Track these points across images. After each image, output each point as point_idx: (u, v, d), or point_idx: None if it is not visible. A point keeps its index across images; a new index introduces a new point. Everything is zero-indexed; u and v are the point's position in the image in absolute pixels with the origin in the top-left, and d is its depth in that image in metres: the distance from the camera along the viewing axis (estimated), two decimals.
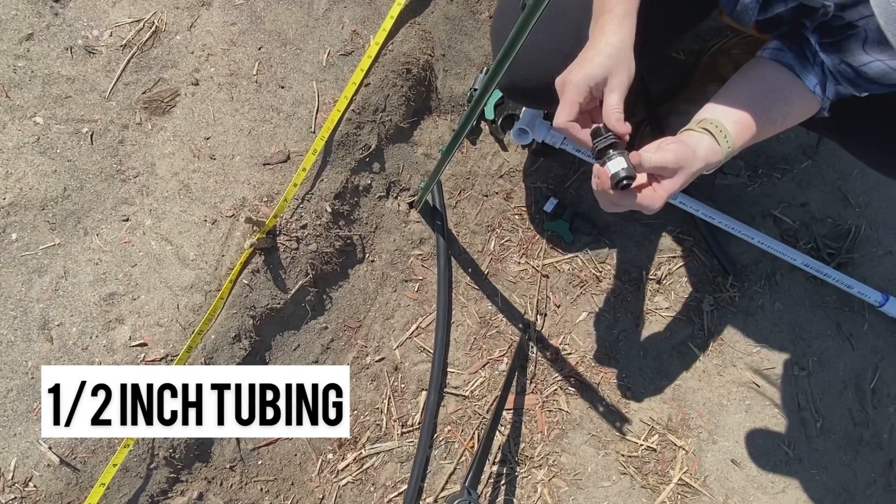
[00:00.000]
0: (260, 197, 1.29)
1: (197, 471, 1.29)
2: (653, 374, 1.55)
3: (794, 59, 0.98)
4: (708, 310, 1.59)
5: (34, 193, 1.21)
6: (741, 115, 0.96)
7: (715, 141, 0.93)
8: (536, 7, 0.66)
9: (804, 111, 1.00)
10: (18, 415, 1.15)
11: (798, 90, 0.98)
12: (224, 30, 1.34)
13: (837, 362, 1.60)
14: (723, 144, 0.93)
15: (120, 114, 1.28)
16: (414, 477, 1.35)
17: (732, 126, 0.95)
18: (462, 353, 1.53)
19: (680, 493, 1.48)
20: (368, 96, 1.40)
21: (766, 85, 0.99)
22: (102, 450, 1.17)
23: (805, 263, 1.51)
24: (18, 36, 1.25)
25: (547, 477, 1.47)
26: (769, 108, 0.97)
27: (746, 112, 0.96)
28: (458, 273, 1.57)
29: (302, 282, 1.34)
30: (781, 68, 0.99)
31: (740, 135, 0.95)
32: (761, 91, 0.98)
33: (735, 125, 0.95)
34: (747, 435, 1.54)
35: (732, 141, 0.94)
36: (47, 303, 1.19)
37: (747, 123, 0.95)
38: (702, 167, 0.92)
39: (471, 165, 1.61)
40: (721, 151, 0.93)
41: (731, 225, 1.49)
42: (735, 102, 0.97)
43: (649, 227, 1.62)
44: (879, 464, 1.55)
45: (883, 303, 1.53)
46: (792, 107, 0.99)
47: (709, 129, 0.93)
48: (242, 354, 1.29)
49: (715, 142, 0.93)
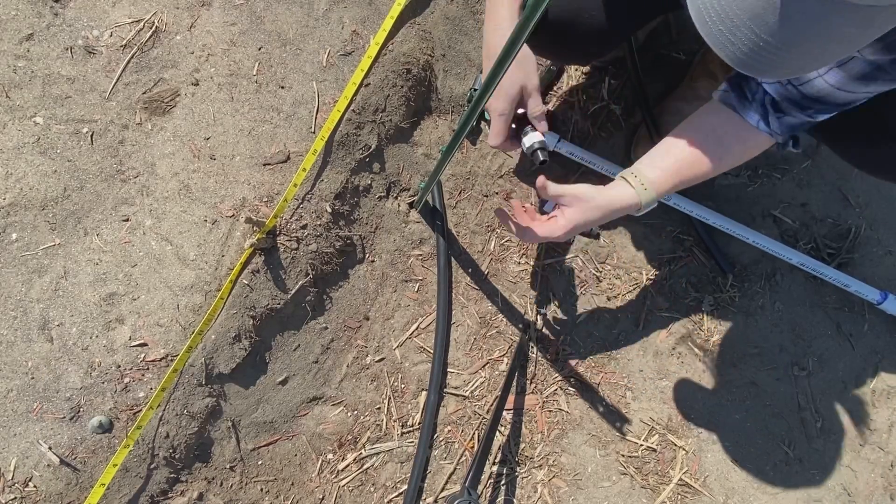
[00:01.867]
0: (260, 197, 1.29)
1: (197, 471, 1.29)
2: (653, 374, 1.55)
3: (736, 99, 1.05)
4: (708, 310, 1.59)
5: (34, 193, 1.21)
6: (669, 163, 1.07)
7: (630, 186, 1.05)
8: (536, 7, 0.66)
9: (753, 147, 1.08)
10: (18, 415, 1.15)
11: (742, 129, 1.05)
12: (224, 30, 1.34)
13: (837, 362, 1.60)
14: (639, 189, 1.05)
15: (120, 114, 1.28)
16: (414, 477, 1.35)
17: (655, 173, 1.06)
18: (462, 353, 1.53)
19: (680, 493, 1.48)
20: (368, 96, 1.40)
21: (702, 132, 1.08)
22: (102, 450, 1.17)
23: (801, 262, 1.51)
24: (18, 36, 1.25)
25: (547, 477, 1.47)
26: (702, 159, 1.06)
27: (675, 160, 1.07)
28: (458, 273, 1.57)
29: (302, 282, 1.34)
30: (726, 110, 1.07)
31: (664, 181, 1.06)
32: (698, 143, 1.06)
33: (659, 171, 1.06)
34: (747, 435, 1.54)
35: (654, 187, 1.05)
36: (47, 303, 1.19)
37: (674, 170, 1.06)
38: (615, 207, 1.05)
39: (471, 165, 1.61)
40: (637, 196, 1.05)
41: (726, 225, 1.50)
42: (668, 151, 1.08)
43: (649, 227, 1.62)
44: (879, 464, 1.55)
45: (881, 300, 1.53)
46: (733, 147, 1.07)
47: (626, 178, 1.06)
48: (242, 354, 1.29)
49: (630, 187, 1.05)
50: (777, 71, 0.66)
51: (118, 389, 1.18)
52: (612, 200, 1.05)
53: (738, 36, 0.62)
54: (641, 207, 1.07)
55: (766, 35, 0.60)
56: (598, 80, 1.64)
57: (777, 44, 0.61)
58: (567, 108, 1.65)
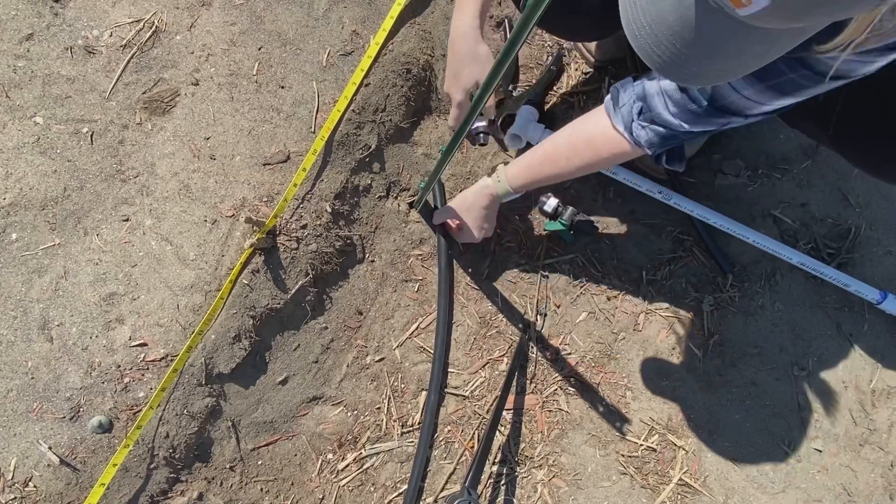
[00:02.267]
0: (260, 197, 1.29)
1: (197, 471, 1.29)
2: (653, 374, 1.55)
3: (611, 104, 1.11)
4: (708, 310, 1.59)
5: (34, 193, 1.21)
6: (528, 160, 1.24)
7: (491, 180, 1.28)
8: (536, 7, 0.66)
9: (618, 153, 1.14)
10: (18, 415, 1.15)
11: (607, 134, 1.13)
12: (224, 30, 1.34)
13: (837, 362, 1.60)
14: (494, 181, 1.28)
15: (120, 114, 1.28)
16: (414, 476, 1.35)
17: (514, 168, 1.26)
18: (462, 353, 1.53)
19: (680, 493, 1.48)
20: (368, 96, 1.40)
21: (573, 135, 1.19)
22: (102, 450, 1.17)
23: (801, 262, 1.51)
24: (18, 36, 1.25)
25: (547, 477, 1.47)
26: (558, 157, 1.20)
27: (533, 158, 1.23)
28: (458, 273, 1.57)
29: (302, 282, 1.34)
30: (601, 115, 1.14)
31: (517, 176, 1.26)
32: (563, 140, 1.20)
33: (517, 167, 1.26)
34: (747, 435, 1.54)
35: (507, 179, 1.27)
36: (47, 303, 1.19)
37: (528, 167, 1.25)
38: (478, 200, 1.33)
39: (471, 165, 1.61)
40: (493, 186, 1.29)
41: (726, 225, 1.50)
42: (535, 150, 1.25)
43: (649, 227, 1.62)
44: (879, 464, 1.55)
45: (881, 300, 1.53)
46: (591, 152, 1.17)
47: (490, 175, 1.30)
48: (242, 354, 1.29)
49: (491, 180, 1.28)
50: (698, 80, 0.72)
51: (118, 389, 1.18)
52: (475, 191, 1.32)
53: (662, 48, 0.67)
54: (500, 197, 1.30)
55: (685, 49, 0.65)
56: (598, 80, 1.64)
57: (695, 57, 0.66)
58: (567, 108, 1.65)
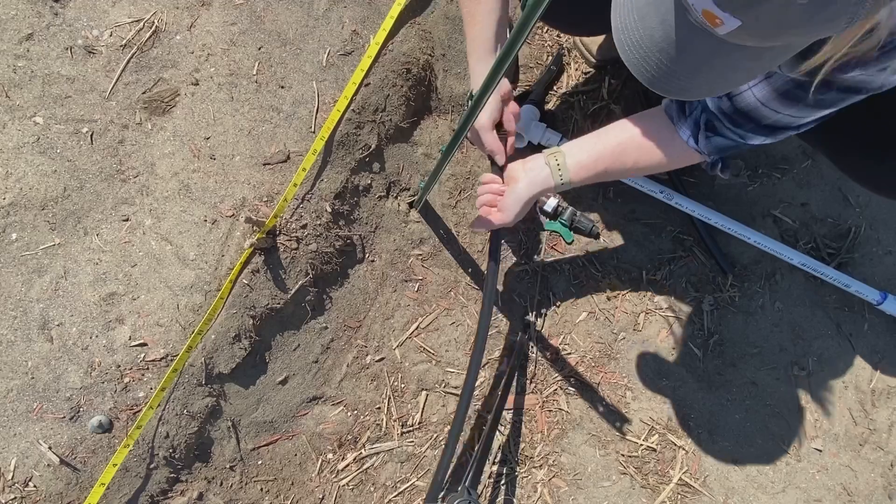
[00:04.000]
0: (260, 197, 1.29)
1: (197, 471, 1.29)
2: (653, 374, 1.55)
3: (675, 111, 1.10)
4: (708, 310, 1.59)
5: (34, 193, 1.21)
6: (591, 158, 1.15)
7: (550, 173, 1.16)
8: (536, 7, 0.65)
9: (677, 159, 1.14)
10: (18, 415, 1.15)
11: (672, 140, 1.11)
12: (224, 30, 1.34)
13: (837, 362, 1.60)
14: (556, 176, 1.16)
15: (120, 114, 1.28)
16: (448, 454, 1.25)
17: (575, 166, 1.15)
18: (462, 352, 1.53)
19: (680, 493, 1.48)
20: (368, 96, 1.40)
21: (634, 133, 1.14)
22: (102, 450, 1.17)
23: (801, 262, 1.51)
24: (18, 36, 1.25)
25: (547, 477, 1.47)
26: (625, 156, 1.14)
27: (597, 157, 1.15)
28: (458, 273, 1.57)
29: (302, 282, 1.34)
30: (665, 118, 1.12)
31: (579, 174, 1.16)
32: (624, 141, 1.14)
33: (577, 165, 1.15)
34: (747, 435, 1.54)
35: (569, 176, 1.16)
36: (47, 303, 1.19)
37: (592, 167, 1.15)
38: (535, 192, 1.18)
39: (471, 165, 1.61)
40: (554, 181, 1.16)
41: (726, 225, 1.50)
42: (596, 142, 1.16)
43: (649, 226, 1.62)
44: (879, 464, 1.55)
45: (881, 301, 1.53)
46: (655, 154, 1.14)
47: (549, 164, 1.16)
48: (242, 354, 1.29)
49: (549, 174, 1.16)
50: (686, 94, 0.74)
51: (118, 389, 1.18)
52: (532, 185, 1.18)
53: (650, 63, 0.69)
54: (556, 189, 1.19)
55: (671, 64, 0.68)
56: (598, 80, 1.64)
57: (682, 72, 0.68)
58: (567, 108, 1.65)
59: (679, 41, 0.65)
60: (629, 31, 0.70)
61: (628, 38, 0.71)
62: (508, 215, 1.20)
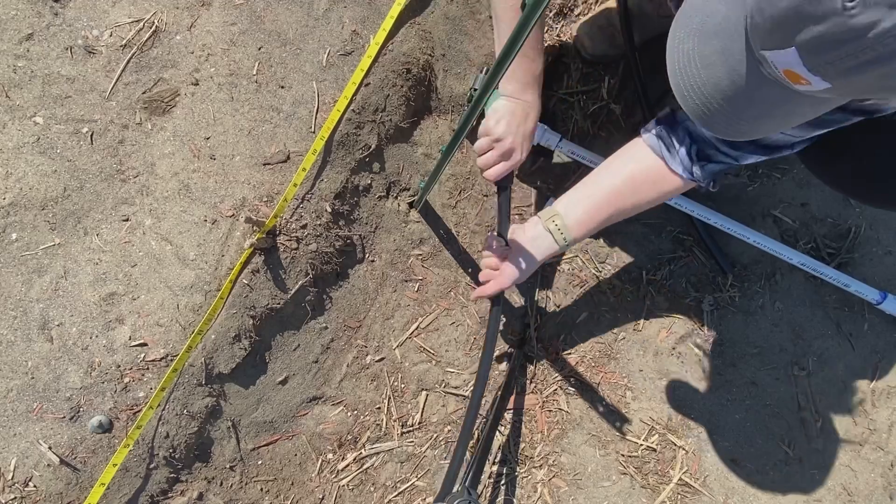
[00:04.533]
0: (260, 197, 1.29)
1: (197, 471, 1.29)
2: (653, 374, 1.55)
3: (664, 148, 1.09)
4: (708, 310, 1.59)
5: (34, 193, 1.21)
6: (588, 212, 1.15)
7: (553, 239, 1.16)
8: (536, 7, 0.66)
9: (673, 191, 1.16)
10: (18, 415, 1.15)
11: (664, 175, 1.11)
12: (224, 30, 1.34)
13: (837, 362, 1.60)
14: (559, 240, 1.16)
15: (120, 114, 1.28)
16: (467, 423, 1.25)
17: (575, 224, 1.15)
18: (462, 352, 1.53)
19: (680, 493, 1.48)
20: (368, 96, 1.40)
21: (628, 180, 1.14)
22: (102, 450, 1.17)
23: (801, 262, 1.51)
24: (18, 36, 1.25)
25: (547, 477, 1.47)
26: (622, 202, 1.14)
27: (595, 210, 1.15)
28: (458, 273, 1.57)
29: (302, 282, 1.34)
30: (651, 156, 1.11)
31: (580, 230, 1.16)
32: (618, 187, 1.14)
33: (577, 223, 1.15)
34: (747, 435, 1.54)
35: (571, 236, 1.16)
36: (47, 303, 1.19)
37: (591, 221, 1.15)
38: (540, 260, 1.19)
39: (471, 165, 1.61)
40: (558, 245, 1.17)
41: (726, 225, 1.50)
42: (591, 198, 1.16)
43: (649, 227, 1.62)
44: (879, 464, 1.55)
45: (881, 300, 1.53)
46: (650, 194, 1.14)
47: (550, 230, 1.16)
48: (242, 354, 1.29)
49: (553, 240, 1.16)
50: (742, 136, 0.74)
51: (118, 389, 1.18)
52: (537, 255, 1.19)
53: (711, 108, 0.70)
54: (561, 250, 1.20)
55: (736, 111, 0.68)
56: (597, 80, 1.64)
57: (746, 118, 0.69)
58: (567, 108, 1.65)
59: (748, 91, 0.65)
60: (689, 76, 0.70)
61: (688, 84, 0.71)
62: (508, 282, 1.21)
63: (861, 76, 0.54)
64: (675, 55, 0.72)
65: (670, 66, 0.73)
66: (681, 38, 0.71)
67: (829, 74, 0.56)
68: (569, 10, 1.68)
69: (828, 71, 0.56)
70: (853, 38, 0.51)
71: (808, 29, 0.53)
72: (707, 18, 0.67)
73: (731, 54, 0.65)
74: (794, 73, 0.58)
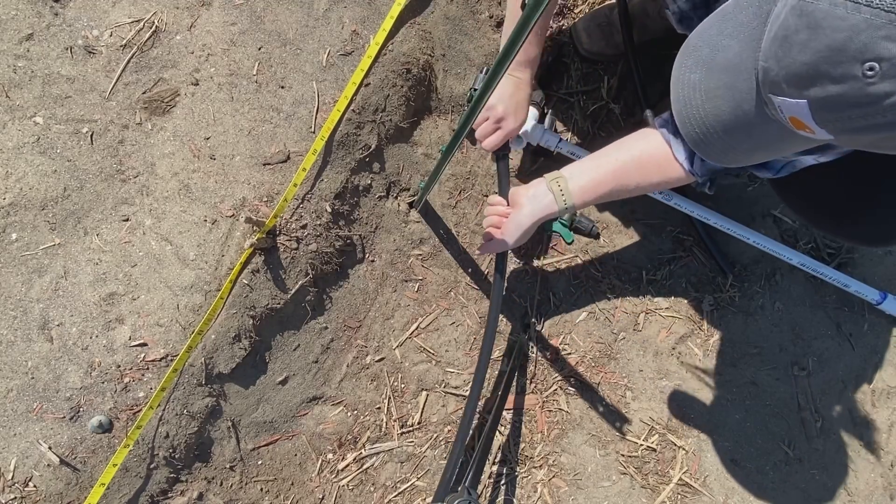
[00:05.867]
0: (260, 197, 1.29)
1: (197, 471, 1.29)
2: (653, 374, 1.55)
3: (671, 133, 1.10)
4: (708, 310, 1.59)
5: (34, 193, 1.21)
6: (593, 181, 1.16)
7: (553, 199, 1.17)
8: (536, 7, 0.66)
9: (673, 180, 1.15)
10: (18, 415, 1.15)
11: (668, 161, 1.12)
12: (224, 30, 1.34)
13: (837, 362, 1.60)
14: (559, 201, 1.17)
15: (120, 114, 1.28)
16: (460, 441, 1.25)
17: (578, 190, 1.16)
18: (462, 352, 1.53)
19: (680, 493, 1.48)
20: (368, 96, 1.40)
21: (632, 155, 1.15)
22: (102, 450, 1.17)
23: (801, 262, 1.51)
24: (18, 36, 1.25)
25: (547, 477, 1.47)
26: (627, 179, 1.15)
27: (599, 180, 1.16)
28: (458, 273, 1.57)
29: (302, 282, 1.34)
30: (660, 139, 1.13)
31: (582, 197, 1.17)
32: (625, 164, 1.15)
33: (580, 190, 1.16)
34: (747, 435, 1.54)
35: (572, 201, 1.17)
36: (47, 303, 1.19)
37: (594, 190, 1.17)
38: (537, 217, 1.19)
39: (471, 165, 1.61)
40: (558, 207, 1.18)
41: (726, 225, 1.50)
42: (597, 168, 1.17)
43: (649, 227, 1.62)
44: (879, 464, 1.55)
45: (881, 300, 1.53)
46: (653, 176, 1.15)
47: (552, 190, 1.17)
48: (242, 354, 1.29)
49: (553, 199, 1.17)
50: (734, 164, 0.77)
51: (118, 389, 1.18)
52: (535, 212, 1.19)
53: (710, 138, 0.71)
54: (559, 214, 1.20)
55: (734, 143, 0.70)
56: (597, 80, 1.64)
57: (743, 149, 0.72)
58: (567, 108, 1.65)
59: (749, 126, 0.67)
60: (693, 107, 0.71)
61: (691, 113, 0.72)
62: (509, 240, 1.22)
63: (867, 136, 0.56)
64: (680, 83, 0.73)
65: (674, 92, 0.74)
66: (689, 67, 0.72)
67: (835, 130, 0.57)
68: (568, 10, 1.68)
69: (835, 127, 0.57)
70: (868, 103, 0.52)
71: (825, 87, 0.54)
72: (717, 52, 0.68)
73: (738, 91, 0.66)
74: (800, 122, 0.59)
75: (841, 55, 0.52)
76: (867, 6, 0.49)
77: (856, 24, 0.50)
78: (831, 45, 0.52)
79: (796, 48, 0.55)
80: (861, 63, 0.51)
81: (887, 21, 0.49)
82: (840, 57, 0.52)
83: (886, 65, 0.50)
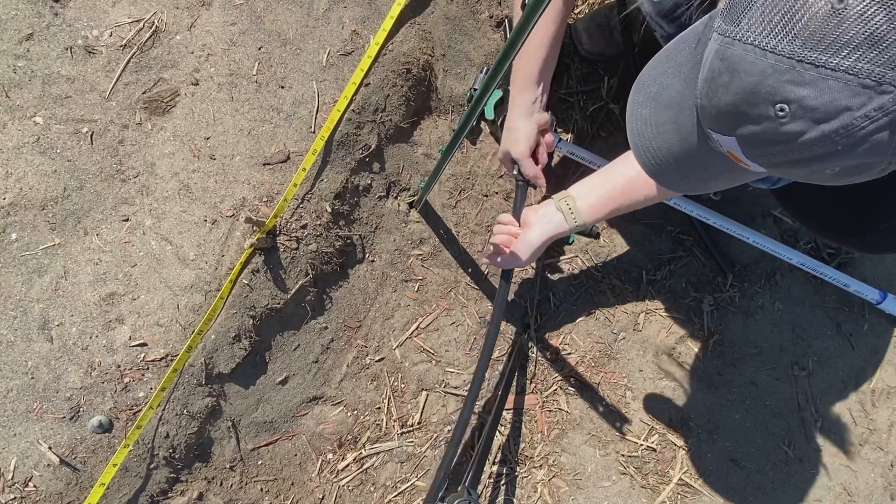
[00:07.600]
0: (260, 197, 1.29)
1: (197, 471, 1.29)
2: (653, 374, 1.55)
3: None
4: (708, 310, 1.59)
5: (34, 193, 1.21)
6: (601, 198, 1.19)
7: (563, 218, 1.21)
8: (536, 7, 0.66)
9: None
10: (18, 415, 1.15)
11: None
12: (224, 30, 1.34)
13: (837, 362, 1.60)
14: (569, 220, 1.21)
15: (120, 114, 1.28)
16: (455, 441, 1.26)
17: (587, 208, 1.20)
18: (462, 352, 1.53)
19: (680, 493, 1.48)
20: (368, 96, 1.40)
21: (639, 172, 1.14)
22: (102, 450, 1.17)
23: (801, 262, 1.51)
24: (18, 36, 1.25)
25: (547, 477, 1.47)
26: (635, 193, 1.17)
27: (608, 197, 1.19)
28: (458, 273, 1.57)
29: (302, 282, 1.34)
30: None
31: (592, 215, 1.21)
32: (632, 178, 1.17)
33: (589, 208, 1.20)
34: (747, 435, 1.54)
35: (582, 219, 1.21)
36: (47, 303, 1.19)
37: (603, 207, 1.20)
38: (547, 238, 1.23)
39: (471, 165, 1.61)
40: (568, 226, 1.22)
41: (726, 225, 1.50)
42: (605, 184, 1.20)
43: (649, 227, 1.62)
44: (879, 464, 1.55)
45: (881, 300, 1.53)
46: (663, 189, 1.15)
47: (561, 209, 1.21)
48: (242, 354, 1.29)
49: (563, 219, 1.21)
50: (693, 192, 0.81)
51: (118, 389, 1.18)
52: (545, 232, 1.23)
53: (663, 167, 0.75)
54: (570, 231, 1.23)
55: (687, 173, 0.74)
56: (597, 80, 1.64)
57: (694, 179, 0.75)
58: (567, 108, 1.65)
59: (697, 159, 0.70)
60: (645, 139, 0.74)
61: (644, 145, 0.75)
62: (520, 260, 1.25)
63: (793, 169, 0.59)
64: (633, 118, 0.77)
65: (629, 125, 0.78)
66: (640, 103, 0.75)
67: (765, 164, 0.61)
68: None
69: (764, 161, 0.60)
70: (784, 141, 0.55)
71: (747, 126, 0.57)
72: (663, 90, 0.72)
73: (684, 126, 0.70)
74: (735, 156, 0.63)
75: (755, 97, 0.55)
76: (772, 52, 0.53)
77: (764, 69, 0.54)
78: (746, 88, 0.55)
79: (721, 89, 0.58)
80: (773, 105, 0.54)
81: (789, 66, 0.52)
82: (755, 98, 0.55)
83: (794, 106, 0.53)
